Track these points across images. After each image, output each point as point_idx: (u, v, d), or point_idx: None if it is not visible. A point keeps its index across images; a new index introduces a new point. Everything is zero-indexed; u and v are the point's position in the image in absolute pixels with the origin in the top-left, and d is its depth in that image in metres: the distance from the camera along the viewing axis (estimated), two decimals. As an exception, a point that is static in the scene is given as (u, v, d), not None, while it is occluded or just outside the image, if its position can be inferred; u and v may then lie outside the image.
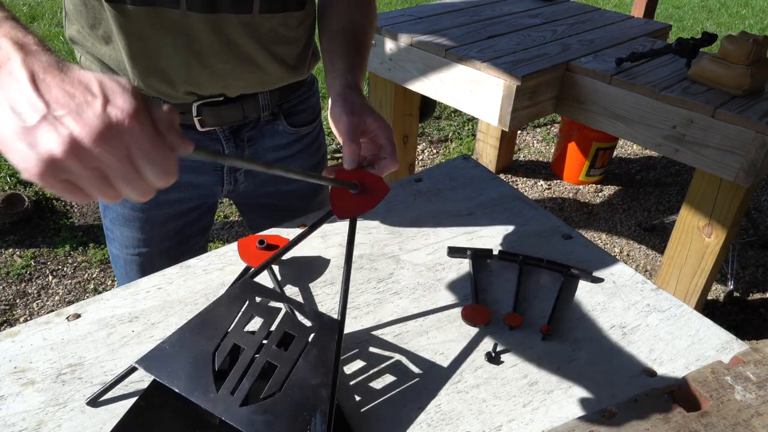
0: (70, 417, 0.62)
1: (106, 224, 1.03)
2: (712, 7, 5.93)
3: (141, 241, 1.01)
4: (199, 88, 0.86)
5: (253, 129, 0.96)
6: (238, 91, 0.90)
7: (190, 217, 1.03)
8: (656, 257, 2.47)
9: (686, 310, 0.80)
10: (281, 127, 0.99)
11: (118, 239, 1.02)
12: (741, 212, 1.51)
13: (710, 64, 1.49)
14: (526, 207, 1.01)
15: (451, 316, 0.78)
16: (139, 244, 1.01)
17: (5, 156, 0.40)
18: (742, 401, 0.63)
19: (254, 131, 0.97)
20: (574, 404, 0.67)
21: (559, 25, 1.99)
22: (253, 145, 0.98)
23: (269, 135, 0.99)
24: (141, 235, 1.00)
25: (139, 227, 0.99)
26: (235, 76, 0.86)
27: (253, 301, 0.65)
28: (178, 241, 1.03)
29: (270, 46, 0.87)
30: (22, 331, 0.73)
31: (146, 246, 1.01)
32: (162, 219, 1.00)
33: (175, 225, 1.02)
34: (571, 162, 2.88)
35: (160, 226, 1.00)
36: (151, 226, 0.99)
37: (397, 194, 1.04)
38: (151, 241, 1.01)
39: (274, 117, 0.98)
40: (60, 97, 0.39)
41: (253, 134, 0.97)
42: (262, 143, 0.99)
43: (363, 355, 0.72)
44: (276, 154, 1.02)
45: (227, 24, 0.80)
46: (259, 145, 0.99)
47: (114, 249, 1.05)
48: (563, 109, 1.72)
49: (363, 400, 0.66)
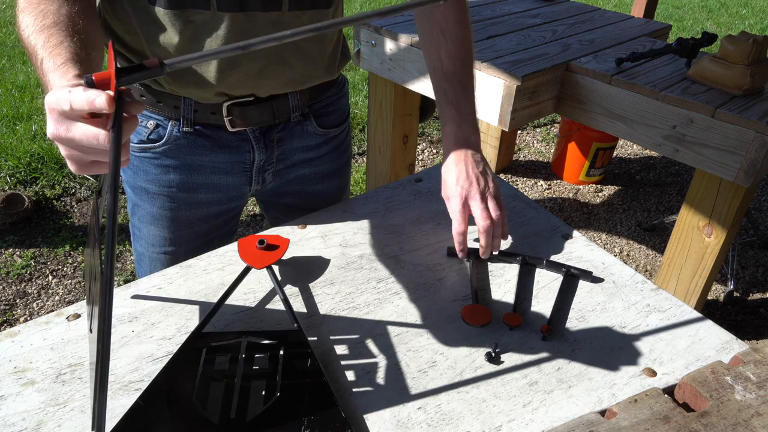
0: (70, 417, 0.62)
1: (133, 222, 1.04)
2: (712, 7, 5.93)
3: (168, 240, 1.02)
4: (230, 89, 0.86)
5: (283, 130, 0.97)
6: (268, 91, 0.90)
7: (218, 221, 1.04)
8: (656, 257, 2.47)
9: (686, 310, 0.80)
10: (311, 128, 1.00)
11: (145, 237, 1.03)
12: (741, 212, 1.51)
13: (710, 64, 1.49)
14: (526, 207, 1.01)
15: (451, 316, 0.78)
16: (165, 243, 1.02)
17: None
18: (742, 401, 0.63)
19: (284, 132, 0.97)
20: (574, 404, 0.67)
21: (559, 25, 1.99)
22: (283, 145, 0.99)
23: (298, 136, 0.99)
24: (169, 234, 1.01)
25: (167, 226, 1.00)
26: (264, 75, 0.87)
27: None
28: (203, 242, 1.04)
29: (299, 45, 0.87)
30: (22, 331, 0.73)
31: (173, 245, 1.02)
32: (191, 219, 1.01)
33: (202, 227, 1.03)
34: (571, 162, 2.88)
35: (187, 227, 1.01)
36: (178, 225, 1.00)
37: (397, 194, 1.04)
38: (178, 241, 1.02)
39: (304, 118, 0.98)
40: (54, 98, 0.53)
41: (283, 135, 0.98)
42: (291, 144, 0.99)
43: (363, 355, 0.72)
44: (304, 155, 1.02)
45: (257, 22, 0.81)
46: (288, 146, 0.99)
47: (140, 247, 1.06)
48: (563, 109, 1.72)
49: (363, 400, 0.66)
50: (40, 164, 2.65)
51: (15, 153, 2.67)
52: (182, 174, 0.94)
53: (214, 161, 0.95)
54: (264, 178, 1.01)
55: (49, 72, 0.59)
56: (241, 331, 0.72)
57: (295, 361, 0.67)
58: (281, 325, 0.75)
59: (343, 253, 0.89)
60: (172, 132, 0.91)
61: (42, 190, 2.54)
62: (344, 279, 0.84)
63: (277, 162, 1.00)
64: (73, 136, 0.52)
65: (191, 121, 0.90)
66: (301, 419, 0.62)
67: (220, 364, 0.67)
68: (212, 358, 0.68)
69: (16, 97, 3.21)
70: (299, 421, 0.62)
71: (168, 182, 0.95)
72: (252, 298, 0.80)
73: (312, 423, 0.61)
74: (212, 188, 0.98)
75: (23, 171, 2.60)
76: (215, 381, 0.65)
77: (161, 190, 0.96)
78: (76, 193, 2.57)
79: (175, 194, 0.96)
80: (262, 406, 0.63)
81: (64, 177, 2.63)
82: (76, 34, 0.64)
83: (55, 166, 2.66)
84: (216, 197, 1.00)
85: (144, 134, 0.92)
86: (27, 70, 3.57)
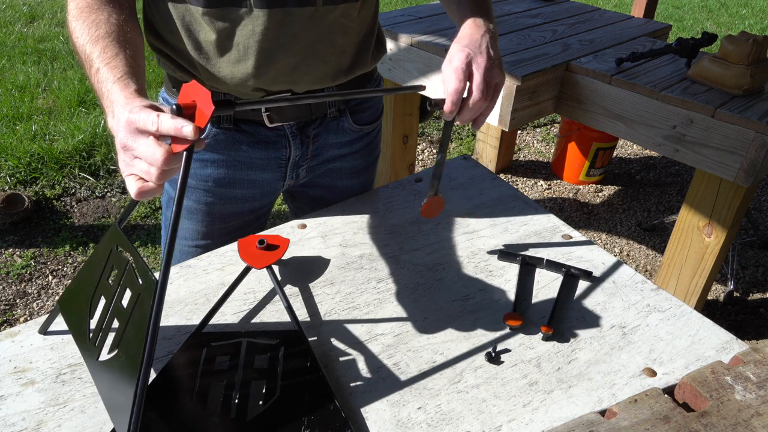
0: (70, 417, 0.62)
1: (167, 215, 1.06)
2: (712, 7, 5.93)
3: (201, 234, 1.03)
4: (267, 84, 0.87)
5: (319, 126, 0.98)
6: (305, 86, 0.90)
7: (251, 216, 1.06)
8: (656, 257, 2.47)
9: (686, 310, 0.80)
10: (347, 124, 1.01)
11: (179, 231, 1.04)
12: (741, 212, 1.51)
13: (710, 64, 1.49)
14: (526, 207, 1.01)
15: (452, 316, 0.78)
16: (198, 237, 1.03)
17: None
18: (742, 401, 0.63)
19: (320, 128, 0.98)
20: (574, 404, 0.67)
21: (559, 25, 1.99)
22: (318, 141, 1.00)
23: (334, 131, 1.00)
24: (202, 228, 1.02)
25: (200, 220, 1.01)
26: (300, 70, 0.87)
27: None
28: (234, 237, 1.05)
29: (333, 38, 0.88)
30: (22, 331, 0.73)
31: (205, 239, 1.04)
32: (224, 214, 1.02)
33: (235, 222, 1.04)
34: (571, 162, 2.87)
35: (221, 221, 1.03)
36: (212, 219, 1.02)
37: (397, 194, 1.04)
38: (210, 235, 1.03)
39: (340, 114, 0.99)
40: (121, 127, 0.61)
41: (319, 131, 0.99)
42: (326, 139, 1.00)
43: (363, 355, 0.72)
44: (338, 151, 1.03)
45: (293, 18, 0.82)
46: (323, 141, 1.00)
47: None
48: (563, 109, 1.72)
49: (363, 400, 0.66)
50: (40, 164, 2.65)
51: (15, 153, 2.67)
52: (220, 169, 0.96)
53: (252, 157, 0.96)
54: (298, 173, 1.03)
55: (107, 82, 0.66)
56: (241, 331, 0.72)
57: (295, 361, 0.67)
58: (281, 325, 0.75)
59: (343, 253, 0.89)
60: (212, 127, 0.92)
61: (42, 190, 2.54)
62: (344, 279, 0.84)
63: (311, 158, 1.01)
64: (137, 148, 0.59)
65: (231, 117, 0.92)
66: (301, 419, 0.62)
67: (220, 364, 0.67)
68: (212, 358, 0.68)
69: (16, 97, 3.21)
70: (299, 420, 0.62)
71: (205, 176, 0.96)
72: (252, 298, 0.80)
73: (312, 423, 0.61)
74: (248, 184, 1.00)
75: (23, 171, 2.60)
76: (215, 380, 0.65)
77: (198, 184, 0.97)
78: (76, 193, 2.57)
79: (212, 188, 0.98)
80: (262, 406, 0.63)
81: (64, 177, 2.63)
82: (127, 45, 0.71)
83: (55, 166, 2.66)
84: (251, 193, 1.01)
85: None
86: (27, 70, 3.57)
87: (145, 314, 0.54)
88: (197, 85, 0.56)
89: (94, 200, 2.56)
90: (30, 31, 4.23)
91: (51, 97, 3.28)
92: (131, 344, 0.55)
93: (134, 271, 0.59)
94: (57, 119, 3.04)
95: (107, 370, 0.58)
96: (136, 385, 0.51)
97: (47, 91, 3.35)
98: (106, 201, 2.57)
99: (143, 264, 0.57)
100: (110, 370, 0.57)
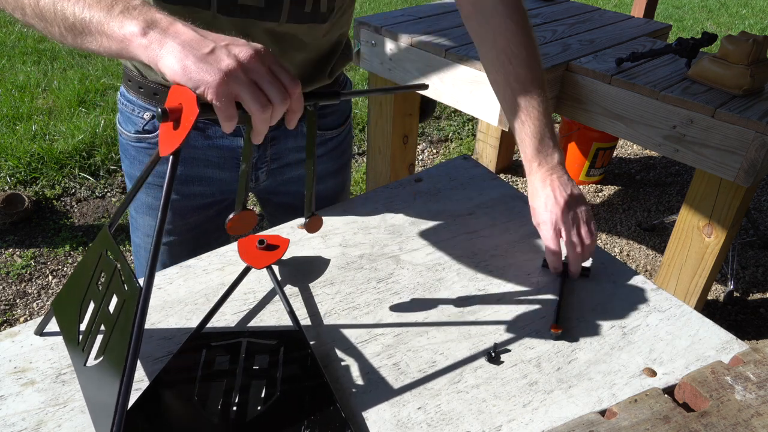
0: (70, 417, 0.62)
1: (131, 213, 1.06)
2: (712, 7, 5.93)
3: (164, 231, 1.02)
4: None
5: (276, 129, 0.97)
6: None
7: (210, 212, 1.05)
8: (656, 257, 2.47)
9: (686, 310, 0.80)
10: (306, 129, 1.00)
11: (141, 228, 1.05)
12: (741, 212, 1.51)
13: (710, 64, 1.49)
14: (526, 207, 1.01)
15: (452, 316, 0.78)
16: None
17: (186, 80, 0.55)
18: (742, 401, 0.63)
19: (278, 131, 0.98)
20: (574, 404, 0.67)
21: (559, 25, 1.99)
22: (276, 144, 0.99)
23: (293, 136, 1.00)
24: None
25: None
26: None
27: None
28: (198, 233, 1.06)
29: (292, 53, 0.88)
30: (22, 331, 0.73)
31: (167, 235, 1.04)
32: (184, 210, 1.02)
33: (195, 218, 1.04)
34: (571, 162, 2.87)
35: (181, 218, 1.03)
36: (173, 216, 1.02)
37: (397, 194, 1.04)
38: (173, 232, 1.03)
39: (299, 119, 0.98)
40: (217, 36, 0.58)
41: (277, 134, 0.98)
42: (285, 144, 1.00)
43: (363, 355, 0.72)
44: (298, 155, 1.03)
45: (254, 29, 0.82)
46: (282, 146, 1.00)
47: (137, 238, 1.08)
48: (563, 109, 1.72)
49: (363, 401, 0.66)
50: (40, 164, 2.65)
51: (15, 153, 2.67)
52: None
53: (207, 155, 0.96)
54: (257, 176, 1.02)
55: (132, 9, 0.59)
56: (241, 331, 0.72)
57: (295, 361, 0.67)
58: (281, 325, 0.75)
59: (343, 253, 0.89)
60: None
61: (42, 190, 2.54)
62: (344, 279, 0.84)
63: (270, 161, 1.01)
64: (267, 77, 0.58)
65: None
66: (301, 419, 0.62)
67: (220, 364, 0.67)
68: (212, 358, 0.68)
69: (16, 97, 3.21)
70: (299, 421, 0.62)
71: (161, 173, 0.96)
72: (252, 298, 0.80)
73: (312, 423, 0.61)
74: (205, 181, 1.00)
75: (23, 171, 2.60)
76: (215, 381, 0.65)
77: (155, 180, 0.98)
78: (76, 193, 2.57)
79: None
80: (262, 406, 0.63)
81: (64, 177, 2.63)
82: None
83: (55, 166, 2.66)
84: (209, 190, 1.01)
85: (140, 125, 0.93)
86: (27, 70, 3.57)
87: (129, 321, 0.53)
88: (184, 88, 0.55)
89: (94, 200, 2.56)
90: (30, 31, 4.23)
91: (51, 97, 3.28)
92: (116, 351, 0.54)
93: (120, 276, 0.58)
94: (57, 119, 3.04)
95: (93, 376, 0.57)
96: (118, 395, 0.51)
97: (47, 91, 3.35)
98: (106, 201, 2.57)
99: (129, 270, 0.57)
100: (96, 377, 0.57)
